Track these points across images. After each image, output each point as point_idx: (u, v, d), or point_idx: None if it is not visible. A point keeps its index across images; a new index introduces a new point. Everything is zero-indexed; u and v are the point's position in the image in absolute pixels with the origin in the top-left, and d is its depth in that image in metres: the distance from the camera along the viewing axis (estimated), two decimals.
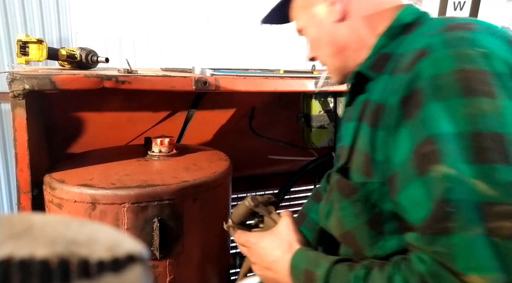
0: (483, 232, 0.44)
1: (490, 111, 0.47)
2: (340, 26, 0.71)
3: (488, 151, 0.45)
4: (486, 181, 0.44)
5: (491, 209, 0.44)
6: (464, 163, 0.46)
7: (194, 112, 1.50)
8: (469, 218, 0.44)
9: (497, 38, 0.53)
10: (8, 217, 0.21)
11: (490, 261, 0.43)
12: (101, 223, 0.23)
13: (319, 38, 0.76)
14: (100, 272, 0.19)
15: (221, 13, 2.56)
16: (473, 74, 0.48)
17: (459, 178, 0.46)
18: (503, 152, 0.45)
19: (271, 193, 1.96)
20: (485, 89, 0.47)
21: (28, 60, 1.13)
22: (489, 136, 0.46)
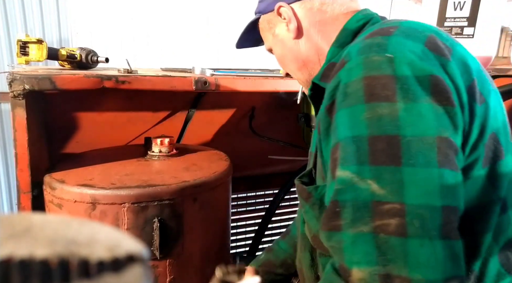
0: (368, 229, 0.46)
1: (387, 115, 0.48)
2: (299, 42, 0.77)
3: (382, 153, 0.47)
4: (377, 181, 0.47)
5: (379, 207, 0.46)
6: (359, 165, 0.48)
7: (194, 112, 1.50)
8: (356, 216, 0.47)
9: (413, 40, 0.54)
10: (8, 217, 0.21)
11: (370, 256, 0.46)
12: (101, 223, 0.23)
13: (284, 56, 0.82)
14: (100, 272, 0.19)
15: (221, 13, 2.56)
16: (376, 80, 0.50)
17: (350, 180, 0.48)
18: (396, 154, 0.47)
19: (271, 192, 1.96)
20: (386, 94, 0.49)
21: (28, 60, 1.13)
22: (384, 139, 0.48)
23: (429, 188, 0.45)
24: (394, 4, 2.94)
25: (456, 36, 1.40)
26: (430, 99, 0.49)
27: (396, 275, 0.44)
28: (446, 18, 1.40)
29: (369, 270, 0.46)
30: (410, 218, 0.45)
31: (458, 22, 1.38)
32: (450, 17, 1.39)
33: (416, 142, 0.47)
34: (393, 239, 0.45)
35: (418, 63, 0.51)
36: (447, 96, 0.49)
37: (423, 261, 0.44)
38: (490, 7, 1.33)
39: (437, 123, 0.48)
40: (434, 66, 0.51)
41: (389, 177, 0.46)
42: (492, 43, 1.37)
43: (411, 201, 0.45)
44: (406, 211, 0.45)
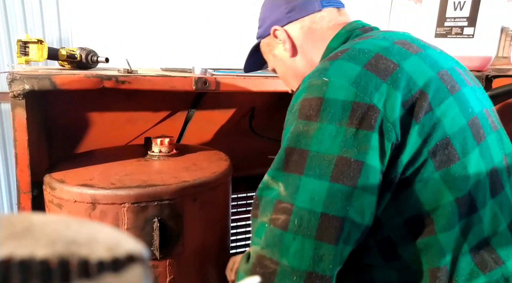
0: (266, 220, 0.58)
1: (304, 132, 0.58)
2: (295, 60, 0.85)
3: (293, 162, 0.58)
4: (284, 184, 0.58)
5: (278, 205, 0.57)
6: (276, 170, 0.60)
7: (194, 112, 1.50)
8: (265, 209, 0.59)
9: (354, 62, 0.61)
10: (8, 217, 0.21)
11: (259, 240, 0.58)
12: (101, 223, 0.23)
13: (285, 73, 0.90)
14: (100, 272, 0.19)
15: (221, 13, 2.56)
16: (308, 101, 0.59)
17: (268, 182, 0.61)
18: (302, 165, 0.57)
19: None
20: (309, 114, 0.58)
21: (28, 60, 1.13)
22: (297, 152, 0.58)
23: (315, 196, 0.55)
24: (394, 4, 2.94)
25: (456, 36, 1.40)
26: (346, 123, 0.56)
27: (268, 258, 0.56)
28: (446, 18, 1.40)
29: (254, 249, 0.59)
30: (294, 216, 0.55)
31: (458, 22, 1.38)
32: (450, 17, 1.39)
33: (318, 157, 0.56)
34: (276, 230, 0.56)
35: (347, 88, 0.58)
36: (365, 122, 0.56)
37: (292, 252, 0.54)
38: (490, 7, 1.33)
39: (342, 145, 0.56)
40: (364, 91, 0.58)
41: (292, 182, 0.57)
42: (492, 43, 1.37)
43: (298, 204, 0.55)
44: (292, 210, 0.55)
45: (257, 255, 0.58)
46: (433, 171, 0.59)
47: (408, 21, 2.80)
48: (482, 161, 0.62)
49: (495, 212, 0.62)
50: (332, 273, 0.56)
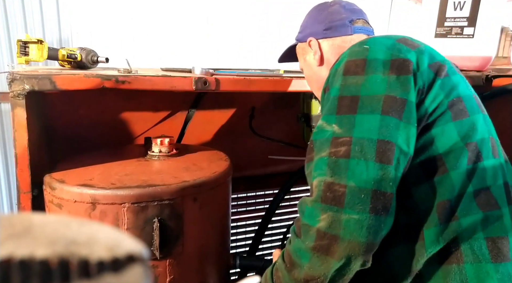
0: (326, 154, 0.67)
1: (354, 83, 0.71)
2: (321, 69, 1.02)
3: (345, 107, 0.69)
4: (338, 125, 0.68)
5: (336, 140, 0.67)
6: (329, 115, 0.71)
7: (194, 112, 1.50)
8: (321, 148, 0.69)
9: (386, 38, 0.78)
10: (8, 217, 0.21)
11: (323, 170, 0.66)
12: (101, 223, 0.23)
13: (310, 76, 1.08)
14: (100, 272, 0.19)
15: (221, 13, 2.56)
16: (353, 62, 0.73)
17: (322, 125, 0.71)
18: (354, 107, 0.68)
19: (271, 193, 1.96)
20: (356, 70, 0.72)
21: (28, 60, 1.13)
22: (348, 98, 0.70)
23: (370, 127, 0.66)
24: (394, 4, 2.94)
25: (456, 36, 1.40)
26: (388, 72, 0.70)
27: (337, 183, 0.64)
28: (446, 18, 1.40)
29: (319, 178, 0.66)
30: (354, 146, 0.65)
31: (458, 22, 1.38)
32: (450, 17, 1.39)
33: (368, 98, 0.68)
34: (340, 159, 0.65)
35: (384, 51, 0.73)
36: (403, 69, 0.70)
37: (357, 174, 0.63)
38: (490, 7, 1.32)
39: (387, 87, 0.69)
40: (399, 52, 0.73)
41: (346, 121, 0.68)
42: (492, 43, 1.37)
43: (357, 135, 0.66)
44: (352, 141, 0.65)
45: (325, 183, 0.65)
46: (449, 120, 0.71)
47: (408, 21, 2.80)
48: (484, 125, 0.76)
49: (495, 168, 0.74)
50: (393, 190, 0.64)
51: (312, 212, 0.65)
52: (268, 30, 2.64)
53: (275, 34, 2.63)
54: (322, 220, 0.64)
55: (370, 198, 0.62)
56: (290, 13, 2.59)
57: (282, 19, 2.63)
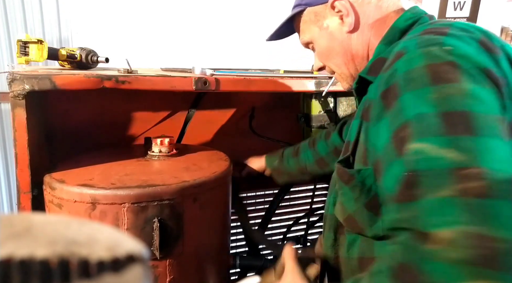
0: (452, 193, 0.47)
1: (456, 94, 0.53)
2: (351, 36, 0.80)
3: (456, 125, 0.51)
4: (458, 149, 0.49)
5: (460, 172, 0.48)
6: (435, 137, 0.51)
7: (194, 112, 1.50)
8: (436, 183, 0.48)
9: (467, 39, 0.60)
10: (8, 217, 0.21)
11: (459, 216, 0.45)
12: (101, 223, 0.23)
13: (331, 49, 0.84)
14: (100, 272, 0.19)
15: (221, 13, 2.56)
16: (439, 67, 0.56)
17: (428, 151, 0.51)
18: (470, 126, 0.50)
19: (271, 192, 1.96)
20: (449, 77, 0.54)
21: (28, 60, 1.13)
22: (456, 114, 0.51)
23: (501, 156, 0.49)
24: None
25: None
26: (488, 84, 0.55)
27: (488, 237, 0.43)
28: (446, 18, 1.40)
29: (460, 228, 0.45)
30: (493, 181, 0.46)
31: None
32: (450, 17, 1.39)
33: (484, 118, 0.51)
34: (481, 201, 0.45)
35: (474, 56, 0.57)
36: (498, 84, 0.56)
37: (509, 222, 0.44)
38: (490, 7, 1.33)
39: (496, 105, 0.54)
40: (487, 60, 0.58)
41: (468, 145, 0.49)
42: None
43: (487, 165, 0.47)
44: (486, 174, 0.46)
45: (473, 235, 0.44)
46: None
47: None
48: None
49: None
50: None
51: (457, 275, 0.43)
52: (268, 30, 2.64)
53: None
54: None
55: None
56: None
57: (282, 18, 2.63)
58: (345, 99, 1.59)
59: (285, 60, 2.65)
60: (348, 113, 1.61)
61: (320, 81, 1.27)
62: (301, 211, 2.06)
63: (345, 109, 1.60)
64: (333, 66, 0.87)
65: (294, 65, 1.95)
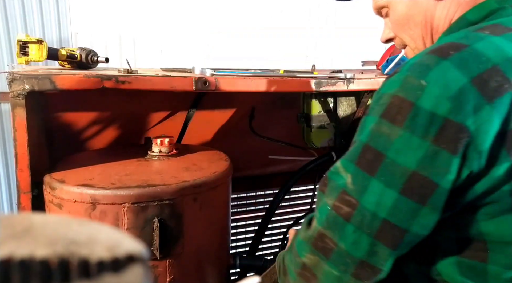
0: (331, 203, 0.60)
1: (386, 134, 0.55)
2: (437, 5, 0.68)
3: (366, 160, 0.57)
4: (353, 177, 0.58)
5: (344, 195, 0.59)
6: (349, 161, 0.60)
7: (194, 112, 1.50)
8: (330, 192, 0.61)
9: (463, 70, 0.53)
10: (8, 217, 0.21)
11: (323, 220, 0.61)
12: (101, 223, 0.23)
13: (410, 17, 0.71)
14: (100, 272, 0.19)
15: (221, 13, 2.56)
16: (399, 102, 0.55)
17: (339, 168, 0.61)
18: (375, 166, 0.56)
19: (271, 193, 1.96)
20: (397, 118, 0.54)
21: (28, 60, 1.13)
22: (372, 151, 0.57)
23: (381, 202, 0.55)
24: None
25: None
26: (431, 139, 0.52)
27: (329, 237, 0.60)
28: None
29: (317, 225, 0.62)
30: (357, 213, 0.57)
31: None
32: None
33: (393, 166, 0.55)
34: (339, 218, 0.59)
35: (442, 101, 0.52)
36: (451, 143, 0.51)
37: (350, 241, 0.58)
38: None
39: (420, 161, 0.53)
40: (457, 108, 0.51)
41: (361, 179, 0.57)
42: None
43: (364, 203, 0.56)
44: (357, 207, 0.57)
45: (319, 232, 0.61)
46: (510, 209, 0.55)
47: None
48: None
49: None
50: (384, 267, 0.58)
51: (303, 247, 0.64)
52: (269, 30, 2.64)
53: (275, 34, 2.63)
54: (308, 258, 0.63)
55: (356, 266, 0.58)
56: (291, 13, 2.60)
57: (282, 19, 2.63)
58: (345, 99, 1.59)
59: (285, 60, 2.65)
60: (348, 113, 1.61)
61: (320, 81, 1.27)
62: (301, 211, 2.06)
63: (345, 110, 1.60)
64: (407, 38, 0.74)
65: (294, 65, 1.95)
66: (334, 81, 1.29)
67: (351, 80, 1.31)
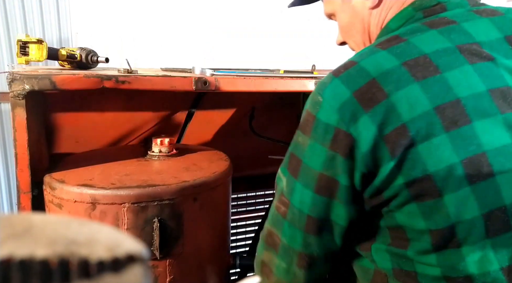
0: (275, 204, 0.72)
1: (301, 143, 0.66)
2: (372, 13, 0.73)
3: (291, 166, 0.68)
4: (286, 181, 0.68)
5: (282, 196, 0.69)
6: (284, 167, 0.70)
7: (194, 112, 1.50)
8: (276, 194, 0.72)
9: (347, 85, 0.61)
10: (8, 217, 0.21)
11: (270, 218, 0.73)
12: (101, 223, 0.23)
13: (351, 24, 0.77)
14: (100, 272, 0.19)
15: (222, 13, 2.56)
16: (307, 115, 0.65)
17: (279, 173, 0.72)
18: (297, 170, 0.66)
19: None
20: (305, 129, 0.65)
21: (28, 60, 1.13)
22: (294, 158, 0.67)
23: (303, 200, 0.65)
24: None
25: None
26: (328, 145, 0.61)
27: (275, 233, 0.71)
28: None
29: (267, 223, 0.74)
30: (289, 211, 0.67)
31: None
32: None
33: (307, 169, 0.64)
34: (279, 216, 0.70)
35: (333, 113, 0.60)
36: (341, 147, 0.60)
37: (288, 235, 0.68)
38: None
39: (324, 164, 0.62)
40: (342, 118, 0.59)
41: (290, 183, 0.67)
42: None
43: (293, 202, 0.67)
44: (289, 206, 0.67)
45: (268, 230, 0.73)
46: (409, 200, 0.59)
47: None
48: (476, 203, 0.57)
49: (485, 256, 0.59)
50: (320, 254, 0.68)
51: (260, 245, 0.76)
52: (269, 30, 2.64)
53: (275, 34, 2.63)
54: (264, 255, 0.75)
55: (297, 257, 0.68)
56: (291, 13, 2.60)
57: (282, 19, 2.63)
58: None
59: (285, 60, 2.65)
60: None
61: None
62: None
63: None
64: (352, 44, 0.81)
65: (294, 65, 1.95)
66: None
67: None
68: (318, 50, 2.72)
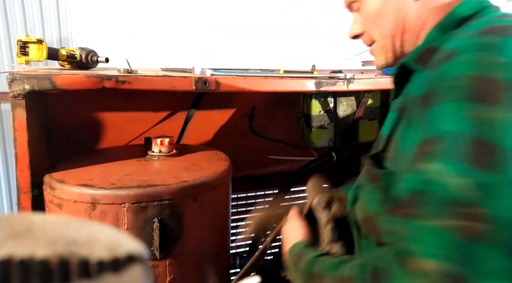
0: (445, 225, 0.44)
1: (490, 120, 0.47)
2: (411, 3, 0.67)
3: (482, 157, 0.45)
4: (475, 182, 0.45)
5: (465, 209, 0.44)
6: (459, 163, 0.46)
7: (194, 112, 1.50)
8: (437, 211, 0.46)
9: None
10: (8, 217, 0.21)
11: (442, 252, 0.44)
12: (101, 223, 0.23)
13: (381, 14, 0.70)
14: (100, 272, 0.19)
15: (222, 13, 2.56)
16: (487, 82, 0.48)
17: (440, 173, 0.47)
18: (494, 162, 0.45)
19: (271, 193, 1.96)
20: (491, 99, 0.47)
21: (28, 60, 1.13)
22: (485, 144, 0.46)
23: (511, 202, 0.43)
24: None
25: None
26: None
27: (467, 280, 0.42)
28: None
29: (434, 263, 0.44)
30: (491, 227, 0.43)
31: None
32: None
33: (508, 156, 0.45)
34: (469, 241, 0.43)
35: None
36: None
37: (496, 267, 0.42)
38: None
39: None
40: None
41: (488, 183, 0.44)
42: None
43: (497, 212, 0.43)
44: (489, 219, 0.43)
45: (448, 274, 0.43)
46: None
47: None
48: None
49: None
50: None
51: None
52: (269, 30, 2.64)
53: (275, 34, 2.63)
54: None
55: None
56: (291, 13, 2.59)
57: (282, 19, 2.63)
58: (345, 99, 1.59)
59: (285, 60, 2.65)
60: (348, 114, 1.61)
61: (320, 81, 1.27)
62: None
63: (345, 110, 1.60)
64: (376, 35, 0.73)
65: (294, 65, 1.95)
66: (334, 81, 1.29)
67: (351, 80, 1.31)
68: (318, 50, 2.72)
